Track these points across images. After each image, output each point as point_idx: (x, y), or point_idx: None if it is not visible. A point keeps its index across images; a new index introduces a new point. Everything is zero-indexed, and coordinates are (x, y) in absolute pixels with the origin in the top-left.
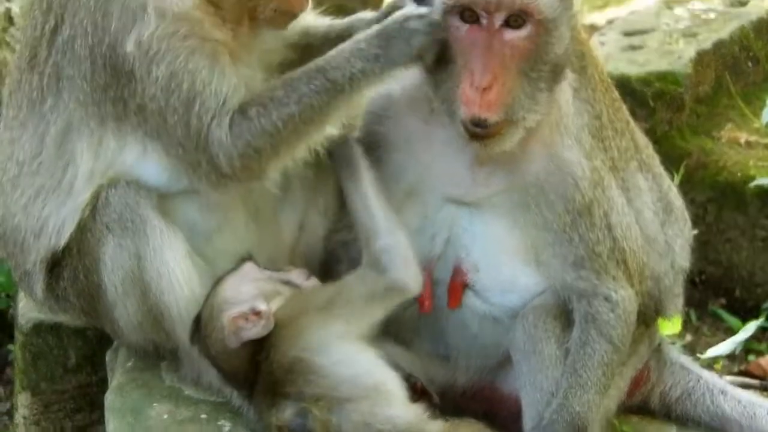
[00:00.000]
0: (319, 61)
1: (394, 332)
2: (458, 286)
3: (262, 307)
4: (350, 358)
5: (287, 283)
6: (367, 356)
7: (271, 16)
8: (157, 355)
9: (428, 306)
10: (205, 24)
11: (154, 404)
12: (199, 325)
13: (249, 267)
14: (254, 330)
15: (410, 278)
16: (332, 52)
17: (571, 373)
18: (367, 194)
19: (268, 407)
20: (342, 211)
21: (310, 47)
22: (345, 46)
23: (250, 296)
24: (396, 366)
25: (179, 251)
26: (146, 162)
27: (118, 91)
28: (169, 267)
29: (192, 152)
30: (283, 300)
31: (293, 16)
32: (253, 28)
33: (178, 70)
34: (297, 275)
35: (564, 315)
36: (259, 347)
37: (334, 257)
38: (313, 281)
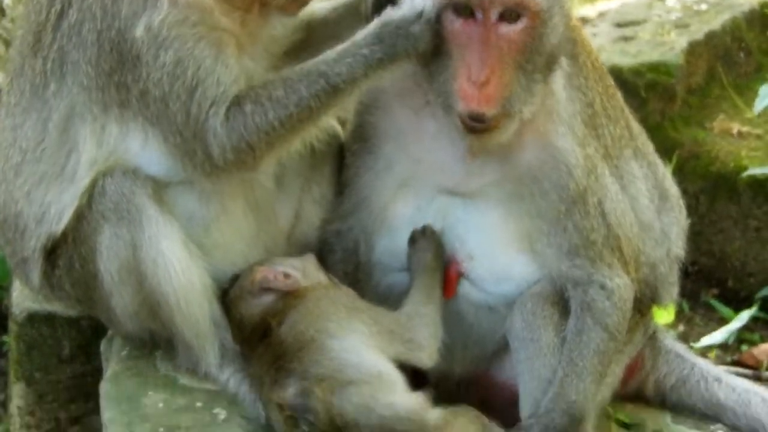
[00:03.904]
0: (320, 63)
1: None
2: (453, 276)
3: (294, 273)
4: (358, 349)
5: (334, 281)
6: (374, 352)
7: (283, 3)
8: (152, 344)
9: None
10: (215, 12)
11: (150, 393)
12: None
13: (310, 255)
14: (275, 283)
15: (427, 347)
16: (333, 54)
17: (567, 362)
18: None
19: (271, 384)
20: (336, 201)
21: (313, 31)
22: (347, 49)
23: (290, 265)
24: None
25: (176, 241)
26: (147, 149)
27: (122, 76)
28: (166, 256)
29: (189, 140)
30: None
31: (304, 2)
32: (263, 14)
33: (185, 57)
34: (346, 288)
35: (562, 303)
36: (273, 311)
37: (328, 246)
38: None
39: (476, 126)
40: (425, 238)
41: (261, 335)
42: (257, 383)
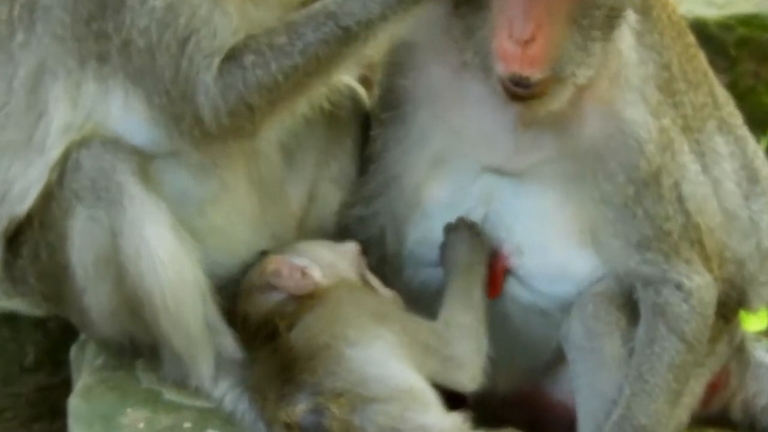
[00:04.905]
0: (329, 3)
1: None
2: (499, 272)
3: (313, 273)
4: (384, 360)
5: (367, 282)
6: (404, 364)
7: None
8: (133, 352)
9: None
10: None
11: (128, 410)
12: None
13: (351, 245)
14: (285, 282)
15: (468, 365)
16: None
17: (636, 377)
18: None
19: (277, 399)
20: (359, 180)
21: None
22: None
23: (316, 258)
24: None
25: (164, 226)
26: (128, 113)
27: (103, 23)
28: (150, 245)
29: (177, 102)
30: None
31: None
32: None
33: (177, 2)
34: (385, 289)
35: (630, 305)
36: (282, 313)
37: (349, 234)
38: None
39: (519, 92)
40: (460, 233)
41: (266, 337)
42: (259, 398)
